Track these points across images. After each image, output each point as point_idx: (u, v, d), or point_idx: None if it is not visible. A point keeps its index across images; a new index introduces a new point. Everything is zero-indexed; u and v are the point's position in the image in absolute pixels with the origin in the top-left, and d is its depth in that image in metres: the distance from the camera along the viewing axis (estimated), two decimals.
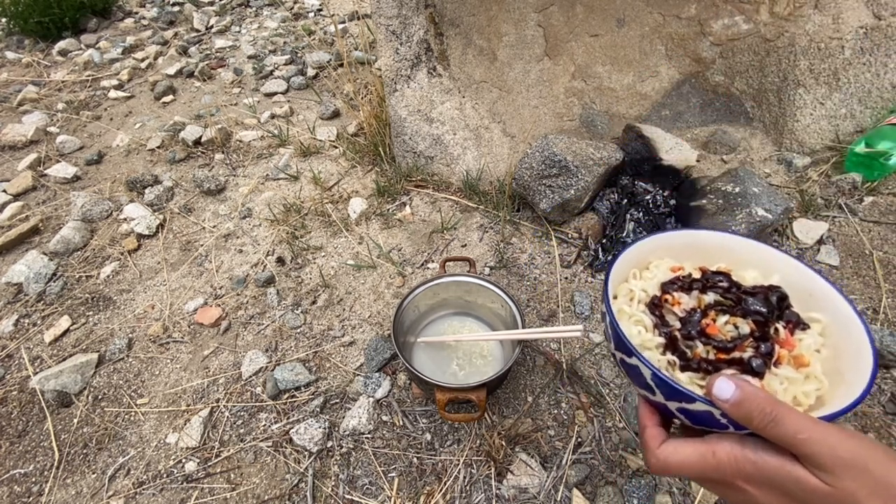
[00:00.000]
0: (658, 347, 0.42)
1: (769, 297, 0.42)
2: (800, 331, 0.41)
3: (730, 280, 0.45)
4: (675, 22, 1.33)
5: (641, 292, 0.46)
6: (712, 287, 0.44)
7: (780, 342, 0.40)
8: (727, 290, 0.44)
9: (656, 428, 0.39)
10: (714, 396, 0.33)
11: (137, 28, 2.67)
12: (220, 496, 0.86)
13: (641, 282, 0.48)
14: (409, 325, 1.00)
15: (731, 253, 0.49)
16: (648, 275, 0.49)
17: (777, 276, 0.46)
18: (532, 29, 1.34)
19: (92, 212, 1.47)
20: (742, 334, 0.40)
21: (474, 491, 0.84)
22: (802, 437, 0.29)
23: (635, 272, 0.49)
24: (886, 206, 1.21)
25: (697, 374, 0.39)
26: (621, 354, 0.41)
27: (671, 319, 0.44)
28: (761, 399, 0.31)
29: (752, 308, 0.41)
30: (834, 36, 1.25)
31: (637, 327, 0.43)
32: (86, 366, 1.07)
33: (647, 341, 0.42)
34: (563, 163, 1.17)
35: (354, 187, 1.49)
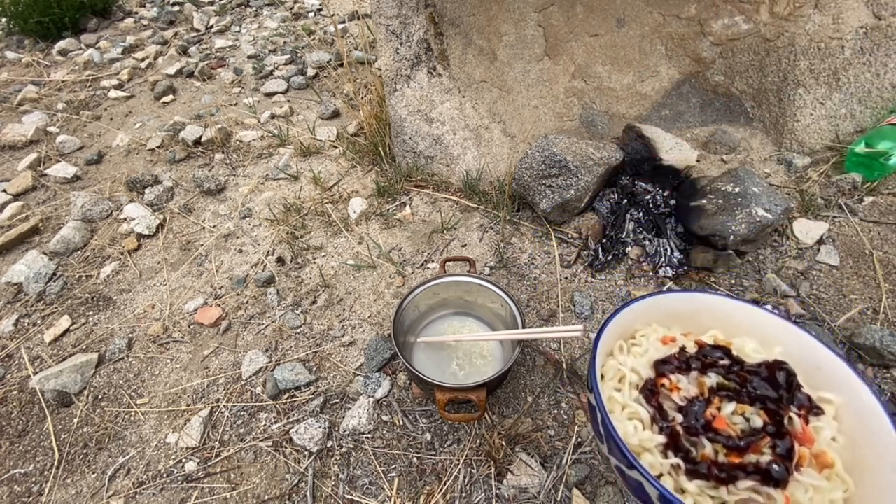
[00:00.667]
0: (658, 447, 0.37)
1: (776, 376, 0.38)
2: (814, 417, 0.37)
3: (730, 356, 0.40)
4: (675, 22, 1.33)
5: (632, 374, 0.41)
6: (712, 366, 0.39)
7: (798, 437, 0.35)
8: (729, 368, 0.39)
9: None
10: None
11: (137, 28, 2.67)
12: (220, 496, 0.86)
13: (631, 358, 0.42)
14: (409, 325, 1.00)
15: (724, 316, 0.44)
16: (638, 349, 0.43)
17: (779, 349, 0.41)
18: (532, 29, 1.34)
19: (92, 212, 1.47)
20: (754, 428, 0.35)
21: (474, 491, 0.84)
22: None
23: (621, 344, 0.44)
24: (886, 206, 1.21)
25: (708, 483, 0.34)
26: (618, 463, 0.36)
27: (670, 408, 0.39)
28: None
29: (760, 393, 0.37)
30: (834, 36, 1.25)
31: (632, 422, 0.38)
32: (86, 366, 1.07)
33: (646, 440, 0.37)
34: (563, 163, 1.17)
35: (354, 187, 1.49)
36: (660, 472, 0.36)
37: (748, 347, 0.42)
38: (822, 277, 1.10)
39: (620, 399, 0.40)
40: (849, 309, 1.03)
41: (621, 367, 0.41)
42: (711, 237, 1.09)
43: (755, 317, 0.43)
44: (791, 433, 0.35)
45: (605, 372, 0.43)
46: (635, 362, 0.41)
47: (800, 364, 0.39)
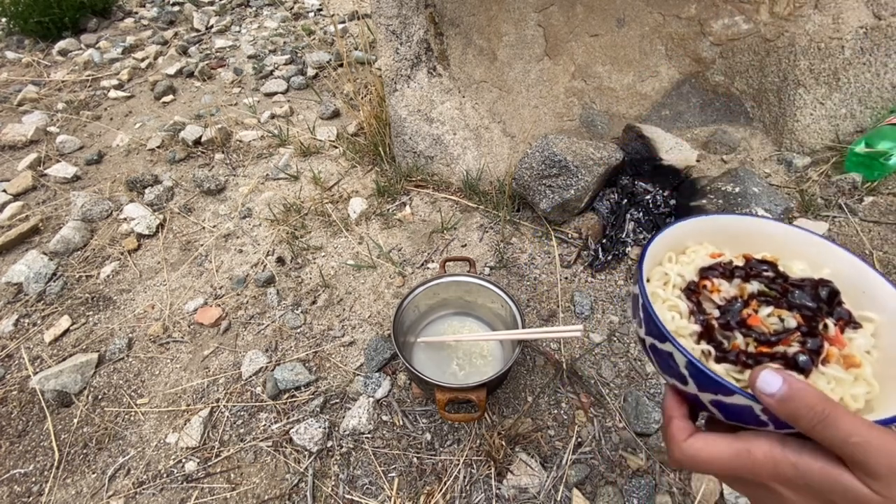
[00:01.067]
0: (692, 335, 0.39)
1: (819, 291, 0.38)
2: (851, 330, 0.38)
3: (776, 270, 0.41)
4: (675, 22, 1.33)
5: (678, 277, 0.42)
6: (756, 276, 0.40)
7: (830, 339, 0.36)
8: (772, 280, 0.40)
9: (684, 420, 0.36)
10: (758, 390, 0.30)
11: (137, 28, 2.67)
12: (220, 496, 0.86)
13: (678, 266, 0.44)
14: (409, 325, 1.00)
15: (777, 242, 0.44)
16: (686, 259, 0.44)
17: (828, 270, 0.42)
18: (532, 29, 1.34)
19: (92, 212, 1.47)
20: (788, 328, 0.37)
21: (474, 491, 0.84)
22: (856, 441, 0.27)
23: (671, 255, 0.45)
24: (886, 206, 1.21)
25: (735, 367, 0.36)
26: (652, 339, 0.38)
27: (709, 307, 0.40)
28: (812, 396, 0.29)
29: (800, 301, 0.38)
30: (834, 36, 1.25)
31: (671, 313, 0.40)
32: (86, 366, 1.07)
33: (681, 328, 0.39)
34: (563, 163, 1.17)
35: (354, 187, 1.49)
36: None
37: (796, 266, 0.42)
38: None
39: (662, 294, 0.41)
40: None
41: (668, 271, 0.43)
42: None
43: (808, 241, 0.43)
44: (823, 335, 0.36)
45: (652, 276, 0.44)
46: (681, 269, 0.43)
47: (847, 286, 0.40)
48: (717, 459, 0.33)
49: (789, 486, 0.31)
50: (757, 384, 0.31)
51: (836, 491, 0.28)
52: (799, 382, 0.30)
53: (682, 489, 0.82)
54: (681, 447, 0.34)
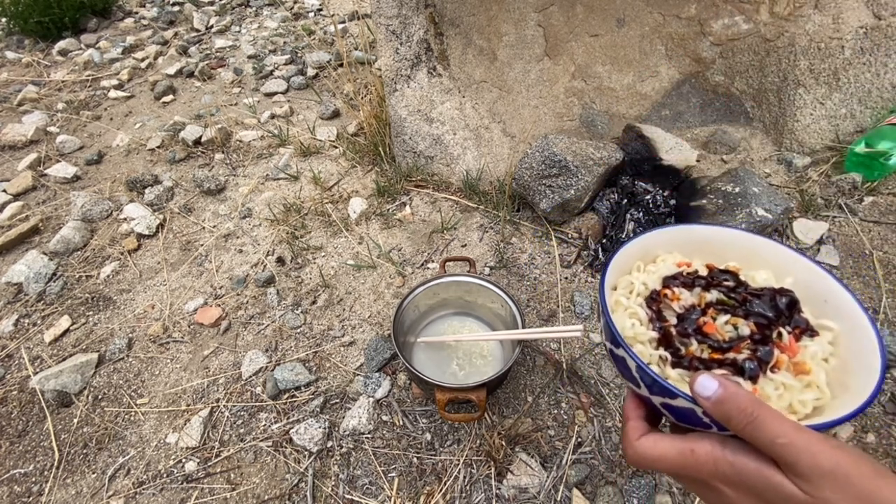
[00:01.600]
0: (651, 342, 0.40)
1: (778, 300, 0.40)
2: (807, 338, 0.39)
3: (737, 279, 0.43)
4: (675, 22, 1.33)
5: (641, 286, 0.44)
6: (717, 285, 0.42)
7: (782, 347, 0.38)
8: (732, 289, 0.41)
9: (639, 420, 0.39)
10: (695, 393, 0.32)
11: (137, 28, 2.67)
12: (220, 496, 0.86)
13: (644, 275, 0.45)
14: (409, 325, 1.00)
15: (745, 251, 0.46)
16: (653, 268, 0.46)
17: (790, 279, 0.43)
18: (532, 29, 1.34)
19: (92, 212, 1.47)
20: (741, 335, 0.38)
21: (474, 491, 0.84)
22: (782, 442, 0.29)
23: (639, 265, 0.47)
24: (886, 206, 1.21)
25: (688, 372, 0.38)
26: (610, 345, 0.40)
27: (668, 315, 0.42)
28: (743, 399, 0.30)
29: (757, 310, 0.39)
30: (834, 36, 1.25)
31: (631, 320, 0.42)
32: (86, 366, 1.07)
33: (640, 335, 0.41)
34: (563, 163, 1.17)
35: (354, 187, 1.49)
36: (648, 361, 0.39)
37: (759, 276, 0.44)
38: None
39: (625, 303, 0.43)
40: None
41: (634, 281, 0.45)
42: None
43: (775, 251, 0.45)
44: (776, 343, 0.38)
45: (619, 284, 0.46)
46: (646, 277, 0.45)
47: (809, 295, 0.41)
48: (663, 458, 0.35)
49: (728, 485, 0.32)
50: (695, 387, 0.32)
51: (770, 490, 0.30)
52: (733, 386, 0.31)
53: (682, 489, 0.82)
54: (632, 445, 0.37)
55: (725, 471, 0.32)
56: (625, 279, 0.46)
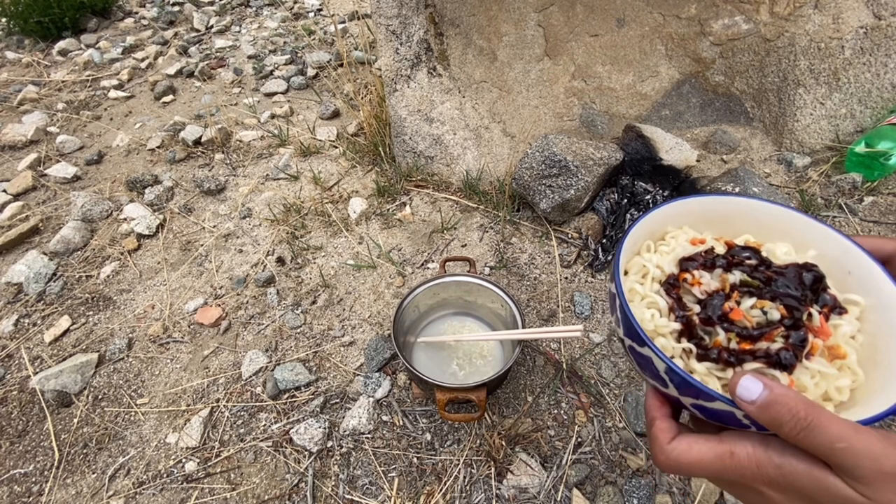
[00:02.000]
0: (673, 334, 0.37)
1: (803, 277, 0.37)
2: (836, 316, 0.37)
3: (759, 257, 0.39)
4: (675, 22, 1.33)
5: (656, 269, 0.41)
6: (738, 264, 0.39)
7: (815, 330, 0.35)
8: (755, 268, 0.38)
9: (667, 420, 0.35)
10: (738, 397, 0.30)
11: (137, 28, 2.67)
12: (220, 496, 0.86)
13: (657, 255, 0.42)
14: (409, 325, 1.00)
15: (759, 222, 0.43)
16: (665, 248, 0.43)
17: (812, 252, 0.40)
18: (532, 29, 1.34)
19: (92, 212, 1.47)
20: (771, 321, 0.35)
21: (474, 491, 0.84)
22: (841, 447, 0.26)
23: (649, 244, 0.43)
24: (886, 206, 1.21)
25: (716, 365, 0.35)
26: (631, 342, 0.36)
27: (689, 301, 0.39)
28: (794, 402, 0.28)
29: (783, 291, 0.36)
30: (834, 36, 1.25)
31: (650, 310, 0.38)
32: (86, 366, 1.07)
33: (661, 327, 0.38)
34: (563, 163, 1.17)
35: (354, 187, 1.49)
36: (671, 355, 0.36)
37: (780, 251, 0.41)
38: None
39: (641, 290, 0.40)
40: None
41: (646, 263, 0.41)
42: None
43: (791, 220, 0.42)
44: (808, 327, 0.35)
45: (630, 268, 0.42)
46: (660, 259, 0.41)
47: (832, 268, 0.39)
48: (701, 462, 0.32)
49: (774, 488, 0.30)
50: (737, 391, 0.30)
51: (823, 493, 0.28)
52: (780, 387, 0.29)
53: (681, 489, 0.82)
54: (664, 450, 0.33)
55: (770, 473, 0.30)
56: (636, 261, 0.42)
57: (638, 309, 0.38)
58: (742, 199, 0.43)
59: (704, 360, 0.35)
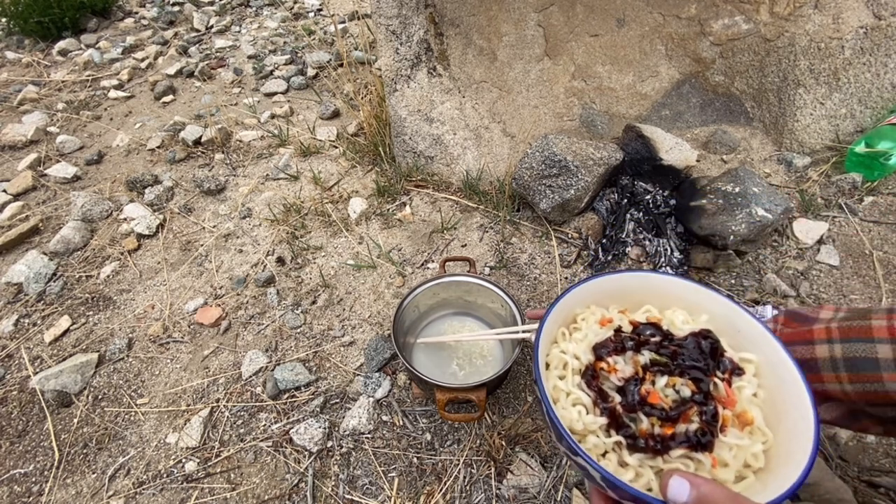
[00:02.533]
0: (602, 428, 0.40)
1: (702, 346, 0.42)
2: (737, 377, 0.41)
3: (661, 331, 0.44)
4: (675, 22, 1.33)
5: (574, 360, 0.44)
6: (645, 343, 0.43)
7: (722, 400, 0.40)
8: (660, 344, 0.43)
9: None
10: (670, 499, 0.32)
11: (137, 28, 2.67)
12: (220, 496, 0.86)
13: (572, 344, 0.46)
14: (409, 325, 1.00)
15: (655, 291, 0.48)
16: (578, 335, 0.46)
17: (705, 317, 0.45)
18: (532, 29, 1.34)
19: (92, 212, 1.47)
20: (684, 398, 0.39)
21: (474, 491, 0.84)
22: None
23: (564, 331, 0.47)
24: (886, 206, 1.21)
25: (647, 455, 0.38)
26: (565, 449, 0.39)
27: (609, 389, 0.42)
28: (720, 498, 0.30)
29: (689, 363, 0.41)
30: (834, 36, 1.24)
31: (576, 408, 0.41)
32: (86, 366, 1.07)
33: (590, 424, 0.40)
34: (563, 163, 1.17)
35: (354, 187, 1.49)
36: (604, 450, 0.39)
37: (678, 320, 0.46)
38: (823, 277, 1.10)
39: (564, 387, 0.43)
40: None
41: (564, 354, 0.45)
42: (711, 237, 1.09)
43: (682, 288, 0.47)
44: (716, 398, 0.40)
45: (551, 361, 0.46)
46: (576, 348, 0.45)
47: (723, 328, 0.44)
48: None
49: None
50: (668, 494, 0.32)
51: None
52: (705, 484, 0.31)
53: None
54: None
55: None
56: (555, 353, 0.46)
57: (566, 409, 0.41)
58: (638, 274, 0.50)
59: (635, 450, 0.38)
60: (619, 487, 0.34)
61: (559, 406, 0.42)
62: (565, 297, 0.47)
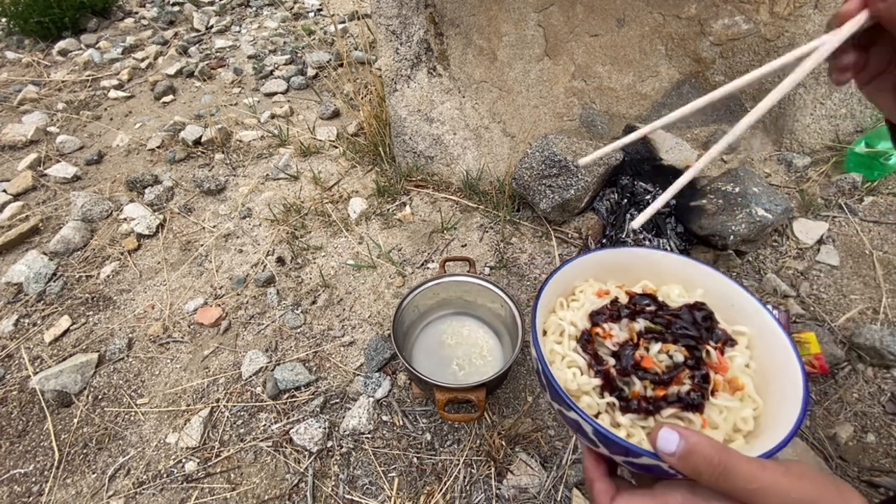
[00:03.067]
0: (595, 389, 0.41)
1: (696, 316, 0.43)
2: (729, 348, 0.42)
3: (656, 302, 0.45)
4: (675, 22, 1.33)
5: (570, 326, 0.45)
6: (640, 312, 0.44)
7: (714, 366, 0.40)
8: (655, 313, 0.44)
9: (604, 481, 0.38)
10: (659, 450, 0.32)
11: (137, 28, 2.67)
12: (220, 496, 0.86)
13: (569, 312, 0.46)
14: (409, 325, 1.00)
15: (652, 268, 0.49)
16: (576, 304, 0.47)
17: (700, 291, 0.46)
18: (532, 29, 1.34)
19: (92, 212, 1.47)
20: (676, 363, 0.40)
21: (474, 491, 0.84)
22: (753, 488, 0.29)
23: (562, 301, 0.48)
24: (886, 206, 1.21)
25: (638, 416, 0.39)
26: (559, 406, 0.39)
27: (604, 354, 0.43)
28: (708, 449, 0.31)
29: (682, 332, 0.42)
30: None
31: (571, 370, 0.42)
32: (86, 366, 1.07)
33: (584, 384, 0.41)
34: (563, 163, 1.17)
35: (354, 187, 1.49)
36: (598, 411, 0.40)
37: (673, 293, 0.47)
38: (822, 277, 1.10)
39: (560, 350, 0.44)
40: (849, 309, 1.03)
41: (561, 321, 0.45)
42: (711, 237, 1.09)
43: (679, 264, 0.48)
44: (708, 364, 0.41)
45: (548, 327, 0.47)
46: (573, 316, 0.46)
47: (718, 303, 0.45)
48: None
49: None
50: (657, 445, 0.32)
51: None
52: (694, 436, 0.31)
53: None
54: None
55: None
56: (552, 320, 0.47)
57: (560, 371, 0.42)
58: (636, 250, 0.51)
59: (627, 411, 0.39)
60: (610, 441, 0.35)
61: (555, 367, 0.42)
62: (564, 269, 0.47)
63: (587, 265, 0.49)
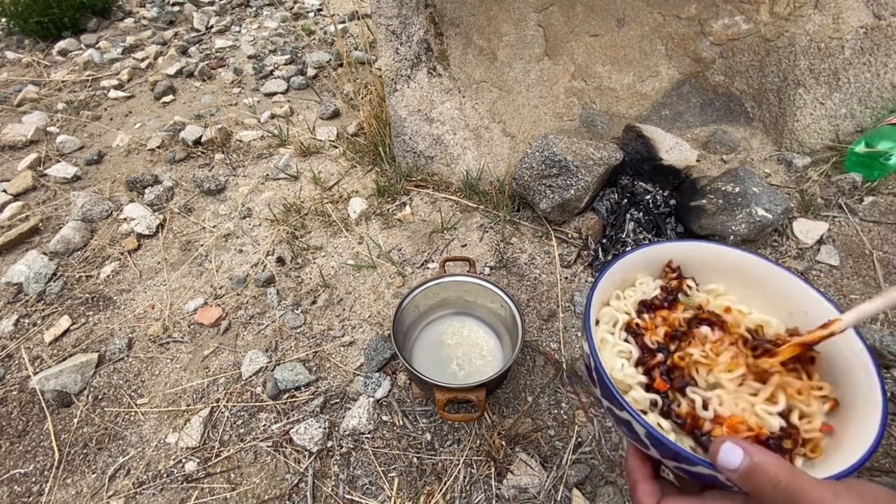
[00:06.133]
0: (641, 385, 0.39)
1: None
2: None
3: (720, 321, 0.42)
4: (675, 22, 1.33)
5: (624, 315, 0.43)
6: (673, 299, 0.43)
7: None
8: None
9: (650, 483, 0.36)
10: (720, 464, 0.30)
11: (137, 28, 2.67)
12: (220, 496, 0.86)
13: (623, 302, 0.45)
14: (409, 325, 1.00)
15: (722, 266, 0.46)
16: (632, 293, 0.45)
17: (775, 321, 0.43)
18: (532, 29, 1.34)
19: (92, 212, 1.47)
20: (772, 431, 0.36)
21: (474, 491, 0.84)
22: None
23: (618, 293, 0.46)
24: (886, 206, 1.21)
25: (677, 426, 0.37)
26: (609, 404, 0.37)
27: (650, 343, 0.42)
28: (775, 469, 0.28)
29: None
30: (834, 36, 1.24)
31: (620, 359, 0.41)
32: (86, 366, 1.07)
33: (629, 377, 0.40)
34: (563, 163, 1.17)
35: (354, 187, 1.49)
36: (643, 409, 0.39)
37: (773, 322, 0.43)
38: (823, 277, 1.10)
39: (611, 340, 0.43)
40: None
41: (616, 312, 0.44)
42: (711, 237, 1.09)
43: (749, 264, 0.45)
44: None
45: (601, 317, 0.45)
46: (625, 304, 0.45)
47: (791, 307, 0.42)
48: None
49: None
50: (719, 458, 0.30)
51: None
52: (759, 453, 0.29)
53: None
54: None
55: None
56: (606, 311, 0.45)
57: (608, 357, 0.41)
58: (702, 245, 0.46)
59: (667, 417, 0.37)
60: (664, 445, 0.33)
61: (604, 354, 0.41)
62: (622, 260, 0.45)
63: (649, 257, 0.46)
